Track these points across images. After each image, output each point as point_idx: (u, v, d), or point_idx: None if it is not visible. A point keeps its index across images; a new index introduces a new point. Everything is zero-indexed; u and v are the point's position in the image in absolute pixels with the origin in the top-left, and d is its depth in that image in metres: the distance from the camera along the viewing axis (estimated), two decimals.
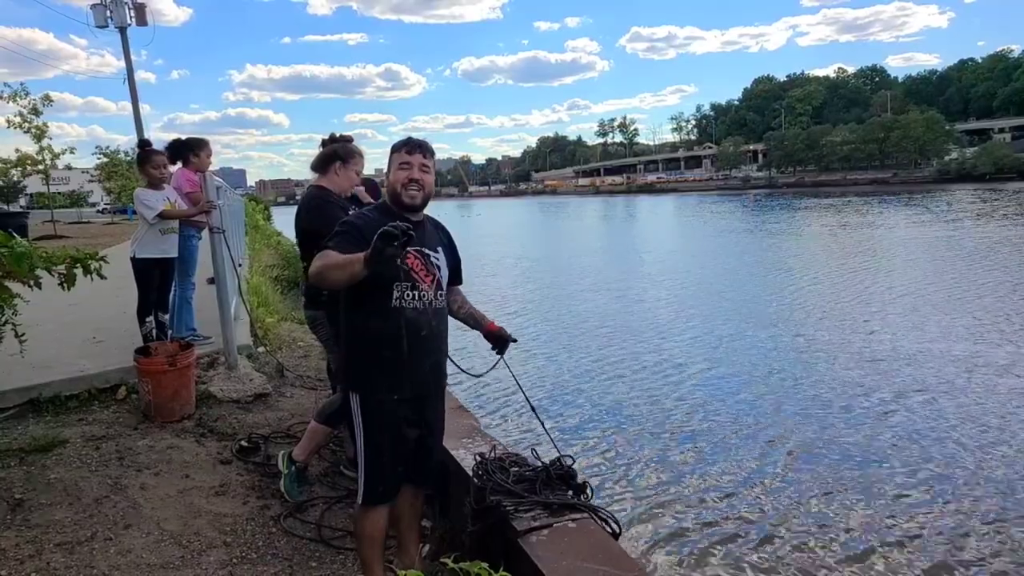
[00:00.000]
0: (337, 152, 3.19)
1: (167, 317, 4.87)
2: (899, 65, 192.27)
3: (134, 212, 8.75)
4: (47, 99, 18.17)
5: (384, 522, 2.33)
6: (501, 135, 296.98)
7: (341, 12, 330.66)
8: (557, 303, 12.80)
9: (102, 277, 2.84)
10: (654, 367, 7.87)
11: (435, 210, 2.49)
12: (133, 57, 21.47)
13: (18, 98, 17.36)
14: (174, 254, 4.77)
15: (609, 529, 2.32)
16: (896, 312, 10.17)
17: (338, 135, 3.40)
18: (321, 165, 3.20)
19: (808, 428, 5.87)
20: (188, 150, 5.04)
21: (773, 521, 4.36)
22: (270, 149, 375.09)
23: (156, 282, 4.66)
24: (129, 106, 21.41)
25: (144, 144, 5.07)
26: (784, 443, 5.58)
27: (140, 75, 21.47)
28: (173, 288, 4.97)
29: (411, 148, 2.28)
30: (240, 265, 7.29)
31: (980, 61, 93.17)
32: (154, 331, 4.66)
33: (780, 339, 8.97)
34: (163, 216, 4.54)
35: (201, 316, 5.20)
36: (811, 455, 5.33)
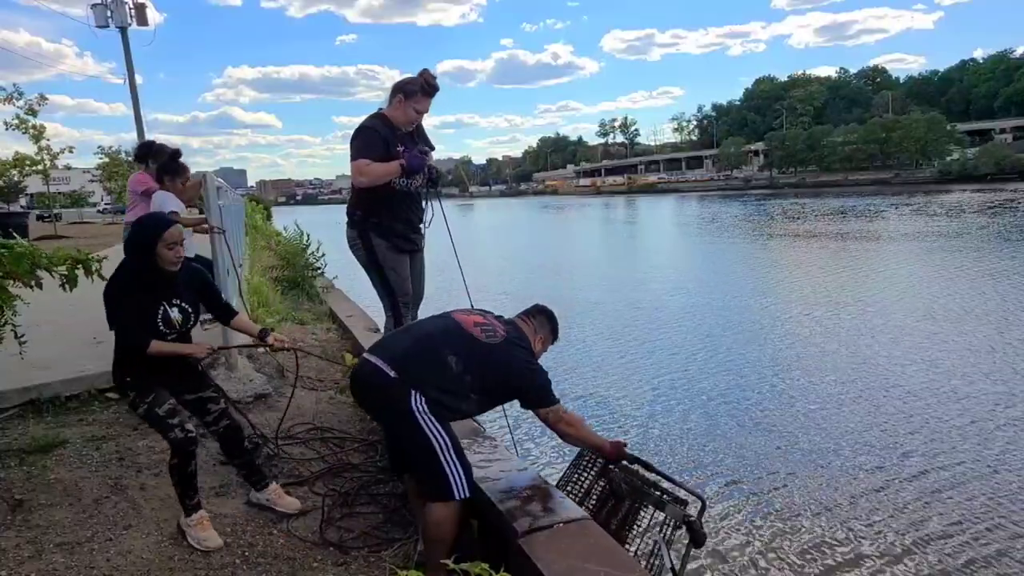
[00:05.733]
0: (402, 87, 3.45)
1: None
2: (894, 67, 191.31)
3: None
4: (43, 98, 18.13)
5: None
6: (495, 136, 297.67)
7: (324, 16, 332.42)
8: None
9: (102, 278, 2.84)
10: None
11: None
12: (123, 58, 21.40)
13: (14, 99, 17.34)
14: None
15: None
16: None
17: None
18: (389, 97, 3.54)
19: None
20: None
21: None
22: (263, 150, 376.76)
23: None
24: (120, 107, 21.56)
25: (178, 154, 4.82)
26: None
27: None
28: None
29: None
30: (240, 265, 7.29)
31: (981, 62, 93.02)
32: None
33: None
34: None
35: None
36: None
